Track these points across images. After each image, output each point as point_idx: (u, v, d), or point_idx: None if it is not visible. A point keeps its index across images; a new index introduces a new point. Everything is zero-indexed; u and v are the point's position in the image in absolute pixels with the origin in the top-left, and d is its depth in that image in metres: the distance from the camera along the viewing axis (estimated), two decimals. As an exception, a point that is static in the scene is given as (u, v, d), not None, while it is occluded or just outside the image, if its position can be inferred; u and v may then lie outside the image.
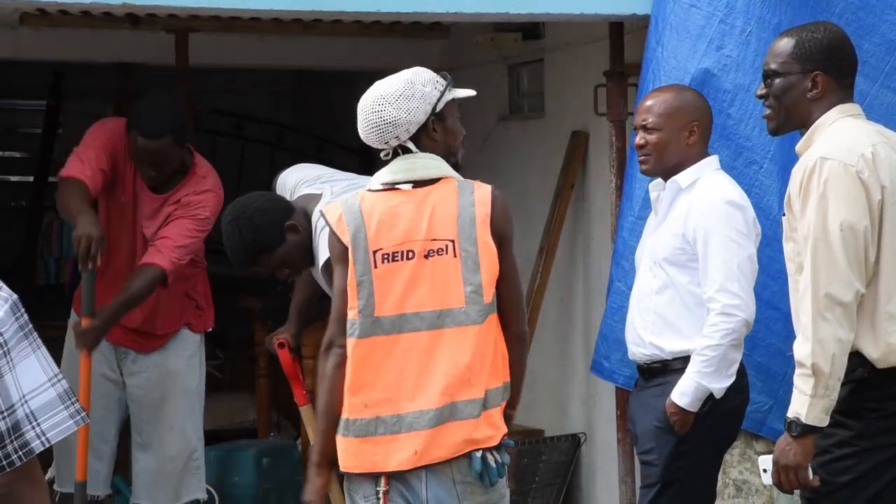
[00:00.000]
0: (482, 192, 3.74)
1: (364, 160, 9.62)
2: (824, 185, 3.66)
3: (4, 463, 2.16)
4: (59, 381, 2.20)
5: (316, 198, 4.33)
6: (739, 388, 4.47)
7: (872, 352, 3.69)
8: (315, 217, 4.27)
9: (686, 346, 4.40)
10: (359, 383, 3.69)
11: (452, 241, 3.69)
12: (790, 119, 3.88)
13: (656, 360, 4.50)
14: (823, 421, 3.64)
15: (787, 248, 3.83)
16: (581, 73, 6.77)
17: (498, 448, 3.73)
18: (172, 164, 5.39)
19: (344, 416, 3.71)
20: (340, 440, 3.73)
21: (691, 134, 4.52)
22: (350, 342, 3.70)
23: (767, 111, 3.91)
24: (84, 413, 2.22)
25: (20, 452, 2.16)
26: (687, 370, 4.37)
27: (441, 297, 3.68)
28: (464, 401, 3.68)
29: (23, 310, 2.18)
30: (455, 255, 3.69)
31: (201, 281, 5.74)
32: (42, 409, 2.17)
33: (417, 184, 3.72)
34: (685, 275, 4.43)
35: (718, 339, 4.32)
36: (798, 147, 3.87)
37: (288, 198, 4.47)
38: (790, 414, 3.67)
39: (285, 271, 4.38)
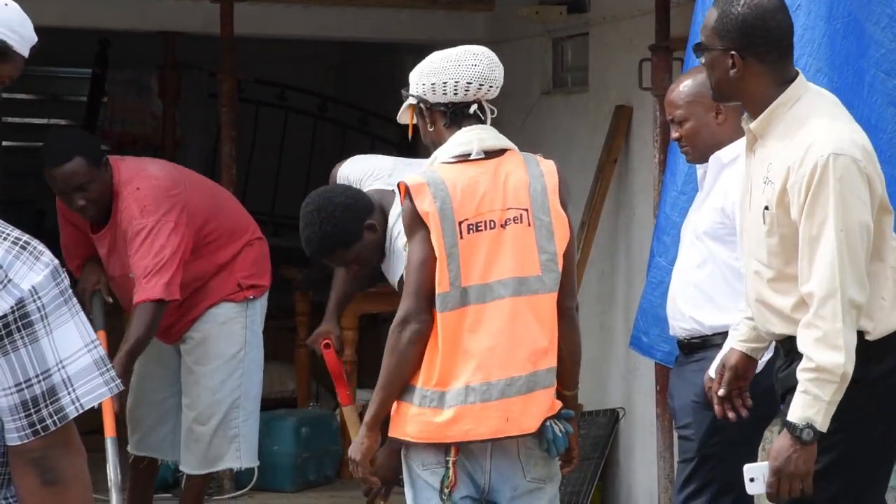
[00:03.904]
0: (547, 165, 3.80)
1: (406, 133, 9.61)
2: (840, 184, 3.53)
3: (39, 427, 2.17)
4: (95, 347, 2.21)
5: (390, 194, 4.30)
6: (779, 364, 4.45)
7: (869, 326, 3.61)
8: (392, 220, 4.26)
9: (725, 321, 4.38)
10: (450, 355, 3.69)
11: (526, 210, 3.73)
12: (722, 92, 3.76)
13: (696, 335, 4.49)
14: (826, 427, 3.53)
15: (771, 241, 3.66)
16: (626, 46, 6.74)
17: (558, 417, 3.75)
18: (98, 187, 5.26)
19: (431, 388, 3.69)
20: (420, 411, 3.69)
21: (718, 114, 4.49)
22: (441, 317, 3.69)
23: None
24: (119, 381, 2.23)
25: (55, 417, 2.17)
26: (725, 345, 4.36)
27: (520, 266, 3.72)
28: (544, 370, 3.72)
29: (63, 275, 2.20)
30: (529, 224, 3.73)
31: (242, 258, 5.60)
32: (78, 374, 2.18)
33: (488, 154, 3.76)
34: (725, 249, 4.42)
35: None
36: (754, 127, 3.70)
37: None
38: (798, 420, 3.52)
39: (355, 266, 4.39)
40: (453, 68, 3.75)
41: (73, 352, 2.18)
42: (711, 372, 4.38)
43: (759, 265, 3.73)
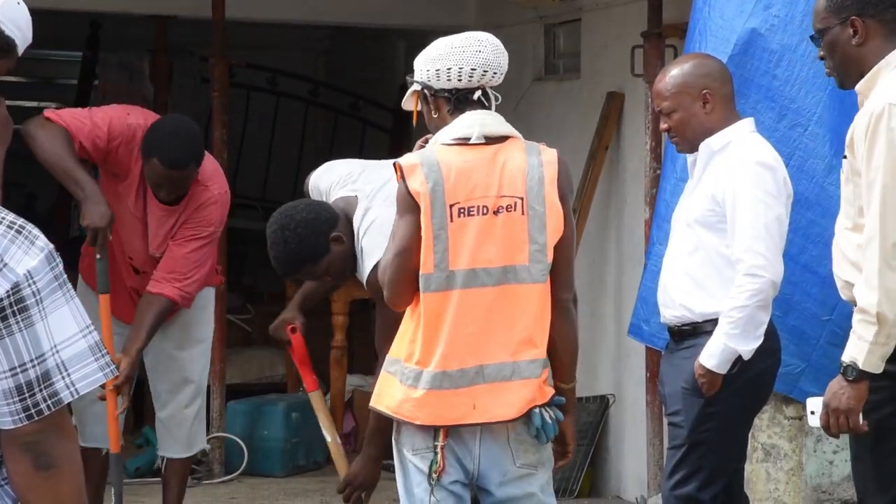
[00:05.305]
0: (549, 154, 3.78)
1: (398, 118, 9.61)
2: (893, 132, 3.64)
3: (33, 411, 2.18)
4: (90, 332, 2.22)
5: (353, 201, 4.32)
6: (769, 351, 4.46)
7: None
8: (357, 221, 4.27)
9: (716, 308, 4.40)
10: (430, 336, 3.69)
11: (521, 199, 3.72)
12: (848, 71, 3.89)
13: (686, 321, 4.50)
14: (879, 368, 3.67)
15: (846, 190, 3.82)
16: (618, 33, 6.74)
17: (549, 405, 3.75)
18: (191, 183, 5.28)
19: (412, 365, 3.70)
20: (401, 388, 3.71)
21: (706, 103, 4.49)
22: (424, 297, 3.70)
23: (829, 70, 3.95)
24: (114, 366, 2.24)
25: (49, 402, 2.18)
26: (715, 332, 4.37)
27: (507, 254, 3.71)
28: (527, 360, 3.71)
29: (58, 260, 2.21)
30: (523, 213, 3.72)
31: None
32: (72, 359, 2.20)
33: (488, 140, 3.76)
34: (716, 236, 4.43)
35: (745, 300, 4.31)
36: (859, 87, 3.85)
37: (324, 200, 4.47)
38: (846, 358, 3.69)
39: (328, 278, 4.40)
40: (458, 54, 3.75)
41: (67, 336, 2.19)
42: (702, 359, 4.40)
43: (841, 216, 3.88)
